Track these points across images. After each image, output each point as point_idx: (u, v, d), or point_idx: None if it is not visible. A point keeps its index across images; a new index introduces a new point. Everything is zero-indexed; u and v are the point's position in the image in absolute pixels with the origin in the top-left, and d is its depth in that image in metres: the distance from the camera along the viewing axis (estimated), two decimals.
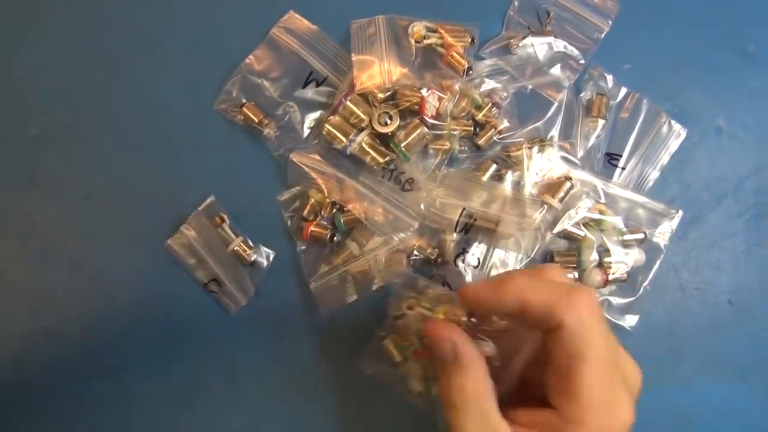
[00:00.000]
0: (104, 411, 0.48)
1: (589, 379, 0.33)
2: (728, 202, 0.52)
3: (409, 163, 0.49)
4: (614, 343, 0.35)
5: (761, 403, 0.51)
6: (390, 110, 0.48)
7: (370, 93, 0.49)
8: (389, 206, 0.48)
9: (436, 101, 0.48)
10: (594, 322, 0.33)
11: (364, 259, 0.48)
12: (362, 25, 0.51)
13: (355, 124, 0.49)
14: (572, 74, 0.52)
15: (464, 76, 0.49)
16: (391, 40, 0.50)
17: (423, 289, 0.44)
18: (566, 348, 0.33)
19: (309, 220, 0.49)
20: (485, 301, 0.36)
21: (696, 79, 0.54)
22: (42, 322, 0.49)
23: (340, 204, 0.48)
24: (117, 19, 0.53)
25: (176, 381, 0.49)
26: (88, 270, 0.50)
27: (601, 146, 0.52)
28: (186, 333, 0.49)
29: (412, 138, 0.48)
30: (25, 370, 0.48)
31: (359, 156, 0.49)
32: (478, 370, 0.36)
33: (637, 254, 0.49)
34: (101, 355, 0.49)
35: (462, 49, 0.49)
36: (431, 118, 0.48)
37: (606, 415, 0.33)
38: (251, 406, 0.49)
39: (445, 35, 0.50)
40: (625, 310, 0.49)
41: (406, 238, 0.47)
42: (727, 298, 0.51)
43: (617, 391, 0.34)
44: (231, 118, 0.51)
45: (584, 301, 0.33)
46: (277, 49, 0.52)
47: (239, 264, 0.49)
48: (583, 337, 0.33)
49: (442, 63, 0.50)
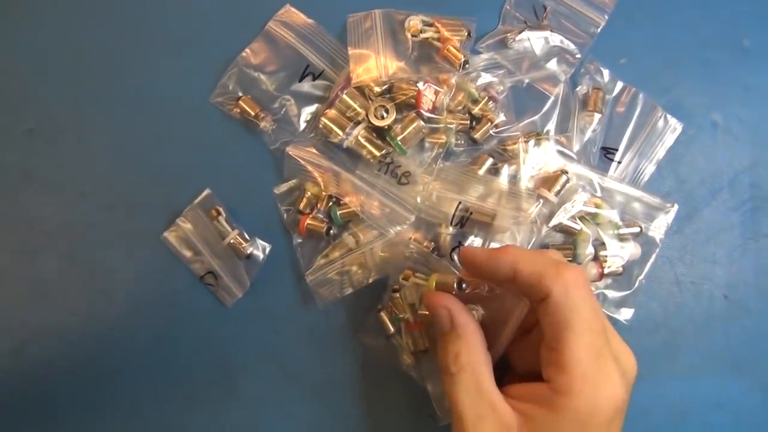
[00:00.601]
0: (99, 404, 0.48)
1: (576, 348, 0.34)
2: (724, 197, 0.53)
3: (406, 157, 0.49)
4: (603, 319, 0.36)
5: (756, 396, 0.51)
6: (386, 103, 0.48)
7: (366, 86, 0.49)
8: (385, 199, 0.48)
9: (433, 95, 0.48)
10: (581, 294, 0.35)
11: (360, 253, 0.48)
12: (359, 19, 0.51)
13: (352, 117, 0.48)
14: (568, 68, 0.52)
15: (461, 69, 0.49)
16: (388, 34, 0.50)
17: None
18: (554, 317, 0.34)
19: (305, 214, 0.49)
20: (481, 263, 0.38)
21: (692, 74, 0.54)
22: (38, 316, 0.49)
23: (337, 197, 0.48)
24: (113, 12, 0.53)
25: (171, 373, 0.49)
26: (84, 263, 0.49)
27: (597, 140, 0.52)
28: (181, 326, 0.49)
29: (409, 131, 0.48)
30: (20, 365, 0.48)
31: (356, 149, 0.49)
32: (474, 339, 0.37)
33: (633, 248, 0.49)
34: (96, 349, 0.49)
35: (458, 43, 0.49)
36: (428, 112, 0.48)
37: (594, 387, 0.34)
38: (246, 399, 0.49)
39: (442, 29, 0.50)
40: (620, 303, 0.50)
41: (402, 231, 0.47)
42: (722, 292, 0.52)
43: (606, 365, 0.35)
44: (227, 112, 0.51)
45: (572, 275, 0.35)
46: (274, 43, 0.52)
47: (235, 257, 0.49)
48: (569, 306, 0.34)
49: (438, 57, 0.50)
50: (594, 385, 0.34)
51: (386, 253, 0.48)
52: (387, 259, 0.48)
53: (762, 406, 0.51)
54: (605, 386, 0.34)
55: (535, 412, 0.35)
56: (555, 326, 0.34)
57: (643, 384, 0.50)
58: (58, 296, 0.49)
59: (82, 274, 0.49)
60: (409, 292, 0.45)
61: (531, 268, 0.35)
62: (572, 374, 0.34)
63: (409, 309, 0.45)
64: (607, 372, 0.34)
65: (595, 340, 0.34)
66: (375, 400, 0.49)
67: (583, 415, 0.34)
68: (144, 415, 0.48)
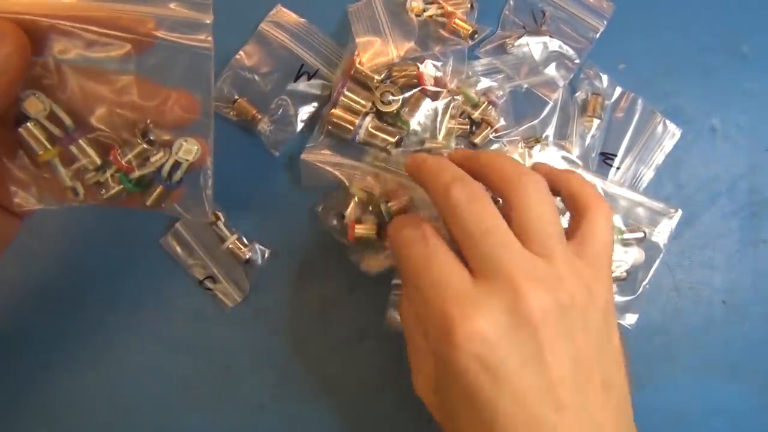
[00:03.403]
0: (99, 404, 0.48)
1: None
2: (722, 202, 0.53)
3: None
4: None
5: (754, 401, 0.51)
6: (391, 88, 0.48)
7: (366, 77, 0.48)
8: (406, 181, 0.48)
9: (433, 70, 0.48)
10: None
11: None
12: (359, 8, 0.50)
13: (358, 111, 0.48)
14: (567, 74, 0.52)
15: (470, 40, 0.49)
16: (392, 17, 0.50)
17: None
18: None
19: (351, 222, 0.47)
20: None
21: (691, 80, 0.54)
22: (35, 320, 0.48)
23: (385, 197, 0.48)
24: None
25: (171, 378, 0.48)
26: (83, 267, 0.49)
27: (596, 146, 0.52)
28: (180, 330, 0.49)
29: (418, 111, 0.48)
30: (16, 369, 0.48)
31: (369, 141, 0.48)
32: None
33: (637, 253, 0.49)
34: (95, 352, 0.48)
35: (464, 15, 0.50)
36: (432, 87, 0.48)
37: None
38: (246, 403, 0.48)
39: (445, 4, 0.50)
40: (624, 308, 0.50)
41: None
42: (720, 297, 0.52)
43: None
44: (224, 115, 0.50)
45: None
46: (267, 44, 0.52)
47: (234, 262, 0.49)
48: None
49: (445, 31, 0.50)
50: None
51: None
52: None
53: (760, 411, 0.51)
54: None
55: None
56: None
57: (641, 389, 0.50)
58: (55, 299, 0.49)
59: (79, 277, 0.49)
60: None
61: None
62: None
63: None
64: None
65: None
66: (375, 402, 0.49)
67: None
68: (142, 420, 0.48)
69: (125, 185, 0.36)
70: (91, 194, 0.37)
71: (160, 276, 0.49)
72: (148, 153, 0.36)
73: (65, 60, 0.33)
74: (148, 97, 0.35)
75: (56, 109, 0.33)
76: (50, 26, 0.31)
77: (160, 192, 0.37)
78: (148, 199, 0.38)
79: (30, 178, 0.36)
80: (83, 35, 0.32)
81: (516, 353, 0.32)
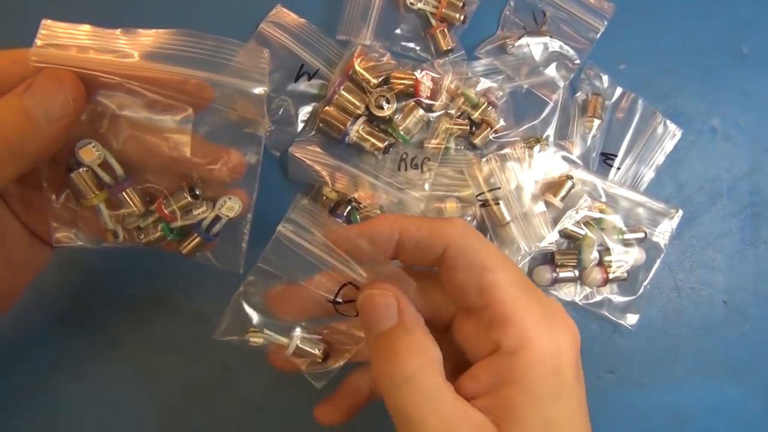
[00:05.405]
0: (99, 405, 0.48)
1: (506, 287, 0.30)
2: (723, 203, 0.53)
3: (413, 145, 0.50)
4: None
5: (754, 402, 0.51)
6: (386, 93, 0.48)
7: (363, 79, 0.48)
8: (392, 190, 0.48)
9: (430, 82, 0.48)
10: (477, 234, 0.32)
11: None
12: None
13: (351, 112, 0.48)
14: (568, 74, 0.52)
15: (445, 56, 0.50)
16: (386, 3, 0.51)
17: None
18: (463, 266, 0.31)
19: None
20: (354, 236, 0.32)
21: (691, 80, 0.54)
22: (36, 320, 0.48)
23: (356, 200, 0.48)
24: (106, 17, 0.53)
25: (171, 375, 0.48)
26: (83, 267, 0.49)
27: (596, 146, 0.52)
28: (181, 330, 0.49)
29: (410, 121, 0.48)
30: (18, 370, 0.48)
31: (358, 143, 0.48)
32: (427, 333, 0.32)
33: (638, 253, 0.49)
34: (96, 351, 0.48)
35: (449, 29, 0.51)
36: (427, 99, 0.48)
37: (545, 319, 0.30)
38: (246, 403, 0.48)
39: (441, 6, 0.50)
40: (625, 309, 0.50)
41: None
42: (721, 298, 0.52)
43: (538, 293, 0.31)
44: (224, 116, 0.50)
45: (460, 221, 0.32)
46: (267, 44, 0.51)
47: None
48: (474, 247, 0.31)
49: (428, 34, 0.51)
50: (544, 317, 0.30)
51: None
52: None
53: (761, 412, 0.51)
54: (555, 316, 0.31)
55: (502, 397, 0.30)
56: (470, 275, 0.31)
57: (642, 389, 0.50)
58: (55, 299, 0.49)
59: (79, 277, 0.49)
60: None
61: (416, 224, 0.32)
62: (515, 316, 0.30)
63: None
64: (546, 301, 0.31)
65: (514, 272, 0.31)
66: (375, 402, 0.49)
67: (549, 357, 0.29)
68: (143, 420, 0.48)
69: (165, 233, 0.37)
70: (130, 237, 0.38)
71: (160, 276, 0.49)
72: (192, 206, 0.37)
73: (126, 115, 0.34)
74: (200, 155, 0.36)
75: (109, 158, 0.34)
76: (117, 84, 0.32)
77: (197, 242, 0.38)
78: (184, 247, 0.39)
79: (72, 217, 0.37)
80: (147, 95, 0.33)
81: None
